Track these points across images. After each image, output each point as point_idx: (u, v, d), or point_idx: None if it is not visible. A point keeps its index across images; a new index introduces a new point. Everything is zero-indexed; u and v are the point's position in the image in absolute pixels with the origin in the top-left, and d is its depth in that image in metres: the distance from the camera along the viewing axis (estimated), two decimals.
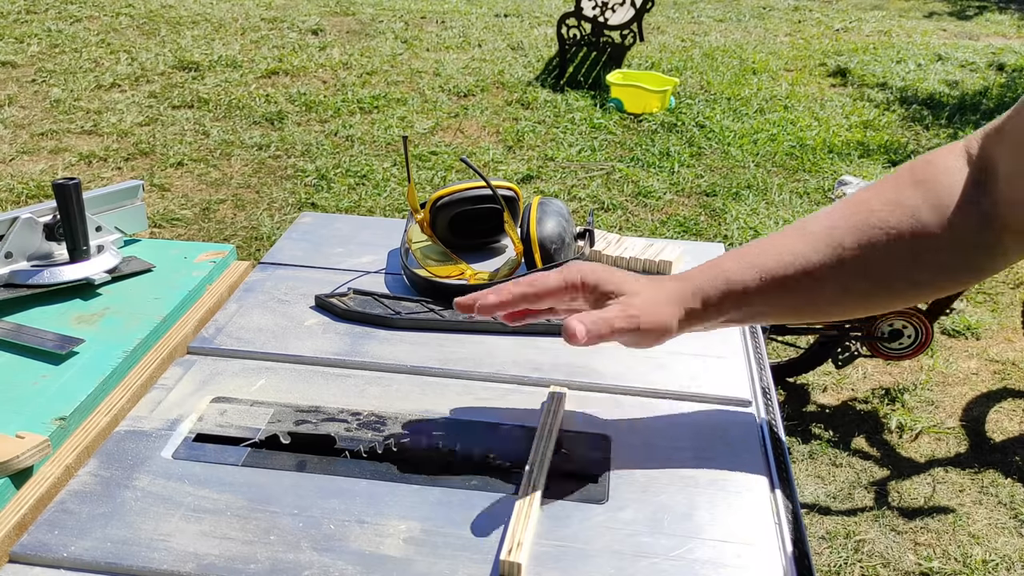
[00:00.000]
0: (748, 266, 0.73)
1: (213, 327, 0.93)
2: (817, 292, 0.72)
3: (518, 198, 1.07)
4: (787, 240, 0.73)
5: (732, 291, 0.72)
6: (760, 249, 0.74)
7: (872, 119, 4.72)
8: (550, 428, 0.77)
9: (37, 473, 0.71)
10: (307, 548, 0.65)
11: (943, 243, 0.70)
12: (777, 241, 0.73)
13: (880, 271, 0.71)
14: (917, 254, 0.70)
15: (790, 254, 0.72)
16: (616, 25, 5.05)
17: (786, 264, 0.72)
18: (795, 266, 0.71)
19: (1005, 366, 2.71)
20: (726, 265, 0.74)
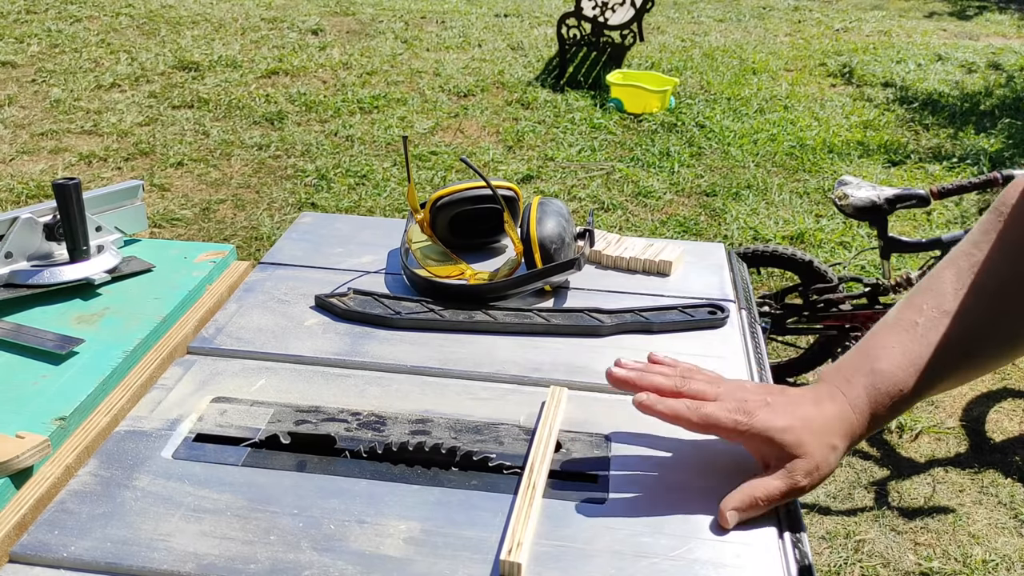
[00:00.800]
0: (907, 366, 0.70)
1: (213, 327, 0.93)
2: (973, 367, 0.72)
3: (518, 198, 1.07)
4: (931, 328, 0.70)
5: (895, 401, 0.70)
6: (908, 341, 0.71)
7: (872, 119, 4.72)
8: (550, 428, 0.77)
9: (37, 473, 0.71)
10: (307, 548, 0.65)
11: None
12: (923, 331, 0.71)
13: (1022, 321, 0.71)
14: None
15: (941, 344, 0.70)
16: (616, 25, 5.05)
17: (941, 356, 0.70)
18: (950, 355, 0.70)
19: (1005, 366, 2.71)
20: (887, 369, 0.70)
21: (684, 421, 0.70)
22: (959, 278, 0.71)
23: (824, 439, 0.68)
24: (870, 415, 0.70)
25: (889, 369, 0.70)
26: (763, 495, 0.67)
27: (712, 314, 0.97)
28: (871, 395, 0.70)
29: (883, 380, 0.70)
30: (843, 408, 0.70)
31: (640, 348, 0.92)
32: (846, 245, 3.40)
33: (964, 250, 0.73)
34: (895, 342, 0.71)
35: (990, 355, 0.72)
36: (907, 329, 0.71)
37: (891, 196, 2.32)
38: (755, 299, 1.26)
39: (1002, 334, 0.71)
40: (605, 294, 1.03)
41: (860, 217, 2.36)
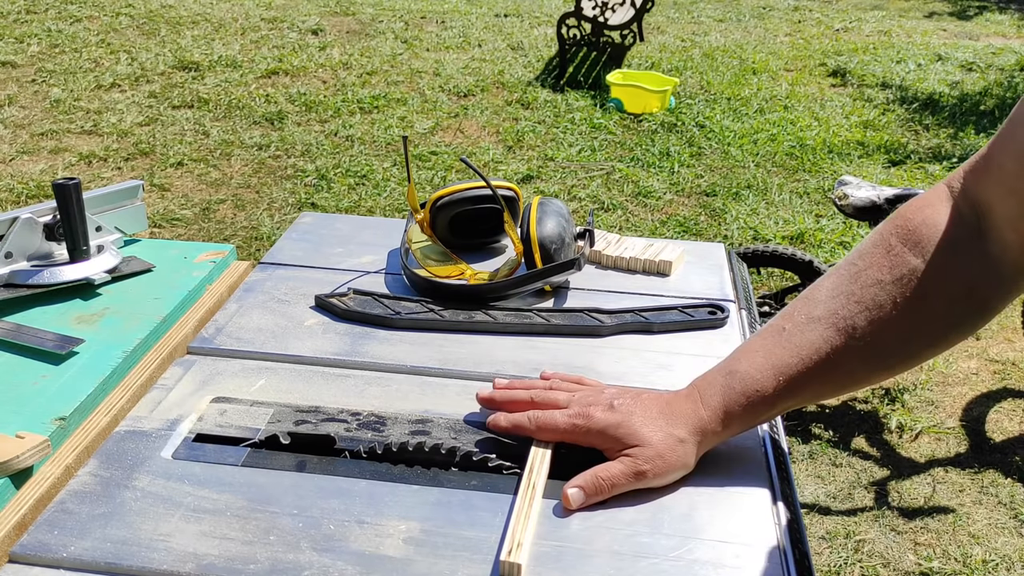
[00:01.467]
0: (766, 368, 0.71)
1: (213, 327, 0.93)
2: (837, 377, 0.71)
3: (518, 198, 1.07)
4: (796, 331, 0.71)
5: (752, 401, 0.71)
6: (772, 345, 0.72)
7: (872, 119, 4.72)
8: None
9: (37, 473, 0.71)
10: (307, 548, 0.65)
11: (955, 296, 0.68)
12: (788, 335, 0.71)
13: (898, 341, 0.70)
14: (931, 315, 0.69)
15: (803, 346, 0.70)
16: (616, 25, 5.05)
17: (802, 358, 0.70)
18: (811, 358, 0.70)
19: (1005, 366, 2.71)
20: (745, 371, 0.72)
21: (524, 431, 0.75)
22: (835, 286, 0.71)
23: (666, 431, 0.71)
24: (723, 413, 0.71)
25: (746, 370, 0.72)
26: (606, 476, 0.70)
27: (712, 314, 0.97)
28: (725, 394, 0.72)
29: (739, 380, 0.72)
30: (694, 406, 0.72)
31: (640, 348, 0.92)
32: (846, 245, 3.40)
33: (849, 259, 0.73)
34: (759, 346, 0.73)
35: (856, 368, 0.71)
36: (774, 334, 0.72)
37: (891, 196, 2.32)
38: (755, 299, 1.26)
39: (872, 349, 0.69)
40: (605, 294, 1.03)
41: (860, 217, 2.36)
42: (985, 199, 0.68)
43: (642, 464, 0.70)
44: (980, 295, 0.69)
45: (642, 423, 0.72)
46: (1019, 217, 0.65)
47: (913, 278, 0.68)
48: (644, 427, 0.71)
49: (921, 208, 0.71)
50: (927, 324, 0.69)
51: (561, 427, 0.73)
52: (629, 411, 0.72)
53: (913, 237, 0.70)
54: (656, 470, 0.70)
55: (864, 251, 0.72)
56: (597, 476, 0.70)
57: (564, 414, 0.74)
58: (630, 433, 0.71)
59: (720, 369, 0.74)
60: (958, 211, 0.70)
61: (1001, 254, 0.67)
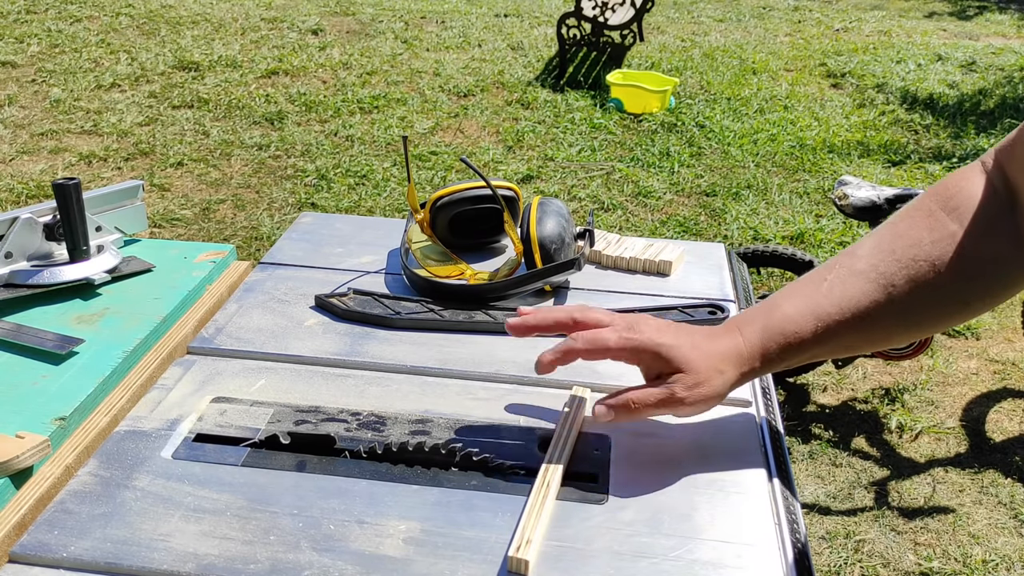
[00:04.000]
0: (806, 313, 0.72)
1: (213, 327, 0.93)
2: (872, 330, 0.73)
3: (518, 198, 1.07)
4: (838, 282, 0.73)
5: (790, 343, 0.73)
6: (813, 292, 0.73)
7: (872, 119, 4.72)
8: (570, 428, 0.77)
9: (37, 473, 0.71)
10: (307, 548, 0.65)
11: (986, 265, 0.71)
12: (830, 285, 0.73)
13: (931, 301, 0.72)
14: (965, 279, 0.71)
15: (843, 298, 0.72)
16: (616, 25, 5.05)
17: (842, 309, 0.72)
18: (850, 310, 0.72)
19: (1005, 366, 2.71)
20: (786, 312, 0.73)
21: (577, 354, 0.73)
22: (877, 244, 0.74)
23: (711, 362, 0.72)
24: (761, 351, 0.73)
25: (787, 313, 0.73)
26: (637, 397, 0.71)
27: (712, 314, 0.97)
28: (765, 332, 0.73)
29: (778, 321, 0.73)
30: (736, 340, 0.73)
31: None
32: (846, 245, 3.40)
33: (890, 220, 0.75)
34: (800, 292, 0.74)
35: (890, 324, 0.73)
36: (815, 283, 0.74)
37: (891, 196, 2.32)
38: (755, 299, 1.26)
39: (907, 306, 0.72)
40: (605, 294, 1.03)
41: (860, 217, 2.36)
42: (1015, 179, 0.71)
43: (680, 391, 0.70)
44: (1005, 267, 0.71)
45: (691, 348, 0.71)
46: None
47: (952, 241, 0.71)
48: (692, 352, 0.71)
49: (959, 180, 0.74)
50: (963, 290, 0.72)
51: (612, 344, 0.72)
52: (677, 334, 0.72)
53: (952, 204, 0.72)
54: (692, 399, 0.71)
55: (905, 214, 0.74)
56: (629, 398, 0.70)
57: (613, 331, 0.72)
58: (680, 356, 0.71)
59: (759, 310, 0.75)
60: (993, 186, 0.73)
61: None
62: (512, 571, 0.63)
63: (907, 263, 0.71)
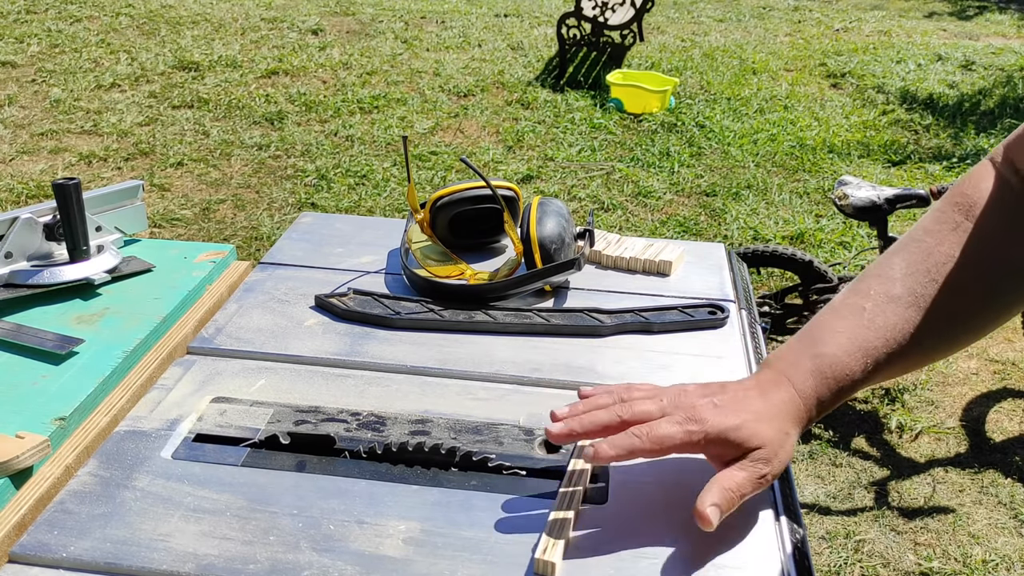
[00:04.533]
0: (854, 351, 0.69)
1: (213, 327, 0.93)
2: (920, 354, 0.71)
3: (518, 198, 1.07)
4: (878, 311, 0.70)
5: (843, 386, 0.70)
6: (855, 325, 0.70)
7: (872, 119, 4.72)
8: None
9: (37, 473, 0.71)
10: (306, 548, 0.65)
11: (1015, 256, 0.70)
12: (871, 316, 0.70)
13: (971, 316, 0.71)
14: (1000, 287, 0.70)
15: (887, 327, 0.70)
16: (616, 25, 5.05)
17: (887, 340, 0.70)
18: (896, 340, 0.70)
19: (1005, 366, 2.71)
20: (834, 353, 0.69)
21: (641, 453, 0.66)
22: (908, 264, 0.71)
23: (776, 426, 0.68)
24: (816, 400, 0.69)
25: (835, 354, 0.69)
26: (734, 487, 0.65)
27: (712, 314, 0.97)
28: (817, 380, 0.69)
29: (829, 365, 0.69)
30: (791, 395, 0.69)
31: (640, 348, 0.92)
32: (846, 245, 3.40)
33: (915, 236, 0.73)
34: (842, 327, 0.70)
35: (934, 345, 0.72)
36: (855, 314, 0.71)
37: (891, 196, 2.32)
38: (755, 299, 1.26)
39: (948, 325, 0.71)
40: (605, 294, 1.03)
41: (860, 217, 2.36)
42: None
43: (763, 467, 0.66)
44: None
45: (755, 420, 0.67)
46: None
47: (981, 248, 0.70)
48: (758, 425, 0.67)
49: (975, 183, 0.72)
50: (998, 295, 0.71)
51: (678, 438, 0.66)
52: (737, 407, 0.68)
53: (974, 211, 0.71)
54: (775, 470, 0.67)
55: (929, 228, 0.72)
56: (726, 489, 0.65)
57: (672, 422, 0.67)
58: (752, 435, 0.66)
59: (802, 350, 0.71)
60: (1005, 181, 0.71)
61: None
62: (539, 573, 0.63)
63: (945, 281, 0.69)
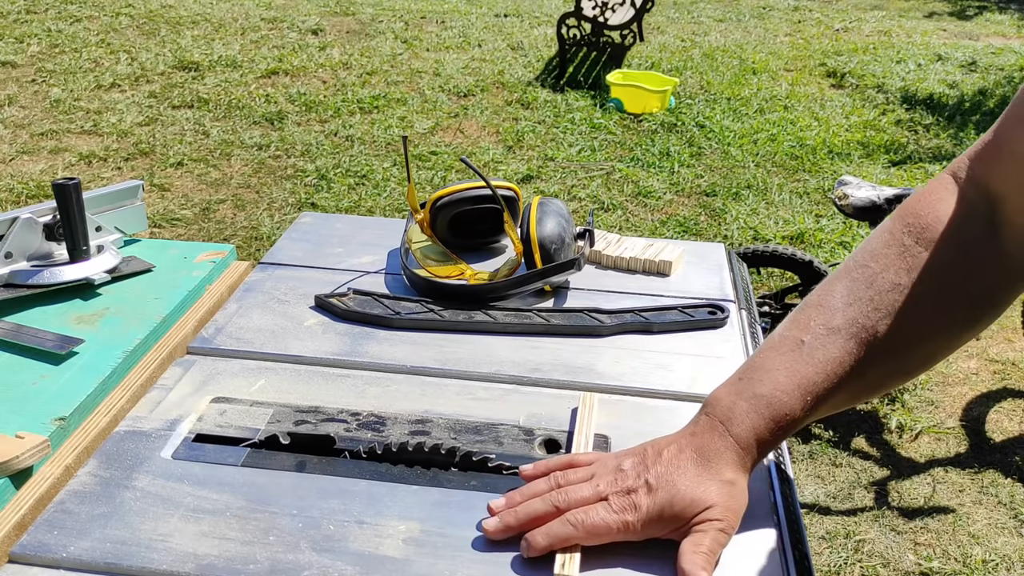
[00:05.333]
0: (791, 388, 0.66)
1: (213, 327, 0.93)
2: (864, 386, 0.68)
3: (518, 198, 1.07)
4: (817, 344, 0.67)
5: (782, 425, 0.66)
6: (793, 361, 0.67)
7: (872, 119, 4.72)
8: (586, 436, 0.76)
9: (37, 473, 0.71)
10: (306, 548, 0.65)
11: (974, 293, 0.67)
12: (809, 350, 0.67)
13: (917, 344, 0.68)
14: (950, 315, 0.67)
15: (826, 361, 0.66)
16: (616, 25, 5.05)
17: (827, 374, 0.66)
18: (836, 374, 0.66)
19: (1005, 366, 2.71)
20: (771, 393, 0.67)
21: (573, 541, 0.64)
22: (851, 292, 0.67)
23: (716, 480, 0.65)
24: (756, 443, 0.66)
25: (773, 393, 0.66)
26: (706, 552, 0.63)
27: (712, 314, 0.97)
28: (755, 422, 0.66)
29: (767, 405, 0.66)
30: (728, 443, 0.66)
31: (640, 348, 0.92)
32: (846, 245, 3.40)
33: (859, 261, 0.69)
34: (779, 364, 0.67)
35: (879, 377, 0.68)
36: (793, 348, 0.67)
37: (891, 196, 2.32)
38: (755, 299, 1.26)
39: (893, 356, 0.67)
40: (605, 294, 1.03)
41: (860, 217, 2.36)
42: (997, 189, 0.66)
43: (718, 524, 0.64)
44: (992, 290, 0.67)
45: (692, 486, 0.64)
46: None
47: (933, 279, 0.66)
48: (697, 489, 0.64)
49: (931, 203, 0.68)
50: (948, 324, 0.68)
51: (614, 527, 0.64)
52: (671, 480, 0.65)
53: (927, 235, 0.67)
54: (731, 522, 0.65)
55: (876, 252, 0.68)
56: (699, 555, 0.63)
57: (607, 510, 0.64)
58: (689, 503, 0.64)
59: (739, 391, 0.68)
60: (969, 203, 0.67)
61: (1013, 248, 0.65)
62: None
63: (888, 311, 0.66)
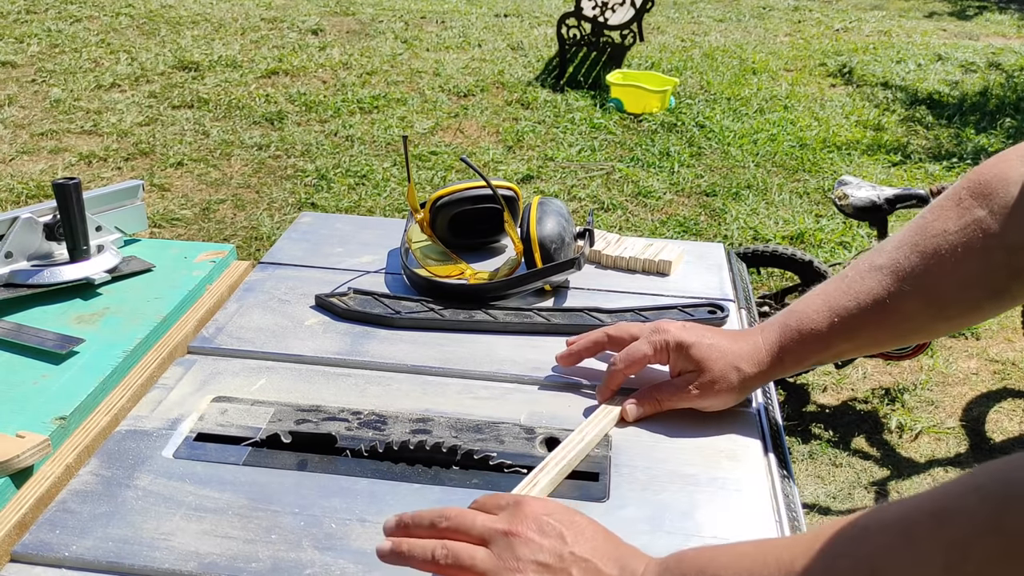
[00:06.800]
0: (822, 308, 0.74)
1: (213, 327, 0.93)
2: (894, 323, 0.73)
3: (518, 198, 1.07)
4: (857, 277, 0.74)
5: (807, 339, 0.74)
6: (832, 289, 0.75)
7: (872, 119, 4.72)
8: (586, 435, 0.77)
9: (37, 472, 0.71)
10: (308, 547, 0.65)
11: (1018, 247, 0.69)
12: (849, 281, 0.74)
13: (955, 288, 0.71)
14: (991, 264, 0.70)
15: (860, 292, 0.73)
16: (616, 25, 5.05)
17: (859, 302, 0.72)
18: (867, 303, 0.72)
19: (1005, 366, 2.71)
20: (803, 310, 0.76)
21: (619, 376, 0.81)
22: (902, 237, 0.74)
23: (728, 359, 0.76)
24: (779, 348, 0.76)
25: (804, 310, 0.75)
26: (661, 394, 0.79)
27: (712, 314, 0.97)
28: (783, 330, 0.76)
29: (796, 318, 0.75)
30: (755, 340, 0.77)
31: None
32: (846, 245, 3.40)
33: (922, 213, 0.75)
34: (821, 291, 0.76)
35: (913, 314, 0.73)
36: (837, 281, 0.76)
37: (891, 196, 2.32)
38: (755, 299, 1.26)
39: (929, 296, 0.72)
40: (605, 294, 1.03)
41: (860, 217, 2.36)
42: None
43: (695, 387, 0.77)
44: None
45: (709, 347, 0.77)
46: None
47: (977, 228, 0.70)
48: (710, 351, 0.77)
49: (996, 163, 0.73)
50: (987, 273, 0.70)
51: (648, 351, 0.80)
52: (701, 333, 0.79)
53: (983, 190, 0.71)
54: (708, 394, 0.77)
55: (936, 204, 0.74)
56: (655, 395, 0.79)
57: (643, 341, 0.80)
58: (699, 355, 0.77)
59: (783, 311, 0.78)
60: None
61: None
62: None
63: (929, 253, 0.71)
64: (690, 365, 0.77)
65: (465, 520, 0.60)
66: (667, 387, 0.79)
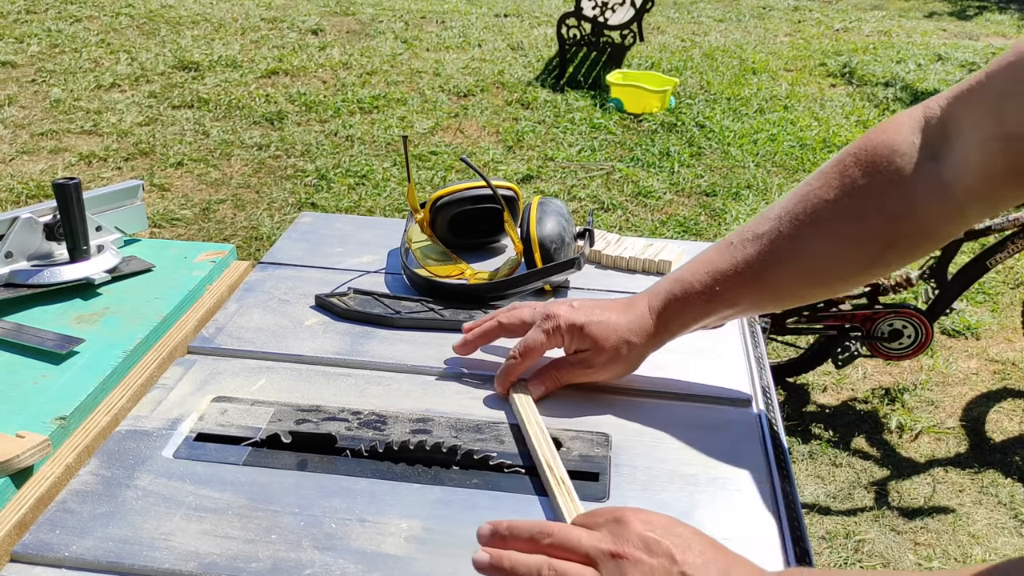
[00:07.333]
0: (702, 273, 0.77)
1: (213, 327, 0.93)
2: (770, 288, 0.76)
3: (518, 198, 1.07)
4: (740, 245, 0.77)
5: (691, 305, 0.78)
6: (715, 256, 0.78)
7: (872, 119, 4.72)
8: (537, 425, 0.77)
9: (37, 472, 0.71)
10: (308, 547, 0.65)
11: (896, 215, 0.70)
12: (732, 249, 0.77)
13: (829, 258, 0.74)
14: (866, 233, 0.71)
15: (739, 258, 0.76)
16: (616, 25, 5.05)
17: (736, 268, 0.76)
18: (744, 269, 0.75)
19: (1005, 366, 2.71)
20: (686, 276, 0.79)
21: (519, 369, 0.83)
22: (784, 205, 0.75)
23: (618, 334, 0.79)
24: (665, 315, 0.79)
25: (690, 280, 0.78)
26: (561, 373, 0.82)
27: None
28: (668, 298, 0.79)
29: (681, 287, 0.79)
30: (642, 311, 0.80)
31: None
32: None
33: (808, 179, 0.76)
34: (704, 258, 0.79)
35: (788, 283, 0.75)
36: (721, 247, 0.78)
37: None
38: None
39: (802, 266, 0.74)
40: (605, 294, 1.03)
41: None
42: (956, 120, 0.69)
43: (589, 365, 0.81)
44: (923, 216, 0.70)
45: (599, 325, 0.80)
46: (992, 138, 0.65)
47: (855, 196, 0.71)
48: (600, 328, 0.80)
49: (885, 129, 0.74)
50: (862, 242, 0.72)
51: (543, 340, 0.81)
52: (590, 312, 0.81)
53: (868, 157, 0.72)
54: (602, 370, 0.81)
55: (821, 171, 0.75)
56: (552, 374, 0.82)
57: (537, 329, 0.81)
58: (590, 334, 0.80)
59: (669, 276, 0.82)
60: (922, 132, 0.71)
61: (955, 178, 0.68)
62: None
63: (805, 223, 0.73)
64: (585, 344, 0.80)
65: (570, 537, 0.59)
66: (564, 364, 0.82)
